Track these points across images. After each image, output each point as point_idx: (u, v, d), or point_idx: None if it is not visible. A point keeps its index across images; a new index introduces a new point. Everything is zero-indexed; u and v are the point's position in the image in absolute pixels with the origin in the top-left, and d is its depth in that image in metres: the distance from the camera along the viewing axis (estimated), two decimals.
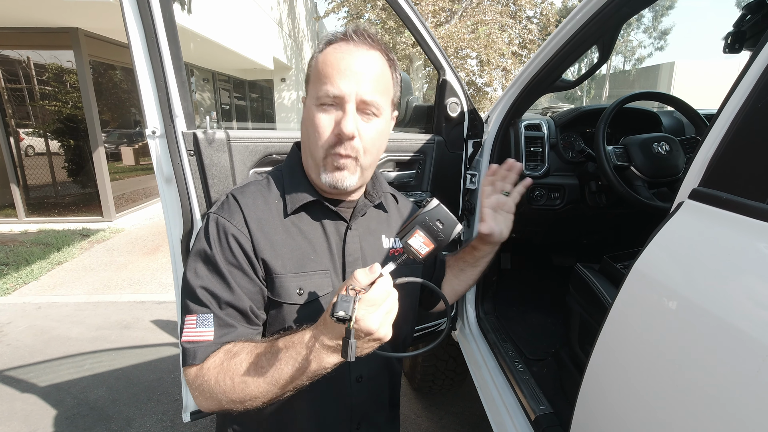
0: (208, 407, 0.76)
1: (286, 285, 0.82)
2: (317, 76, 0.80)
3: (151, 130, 1.11)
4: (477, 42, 10.41)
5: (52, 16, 5.09)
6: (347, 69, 0.77)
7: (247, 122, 13.22)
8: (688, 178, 0.70)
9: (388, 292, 0.66)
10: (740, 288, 0.56)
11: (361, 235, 0.92)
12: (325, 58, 0.79)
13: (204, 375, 0.75)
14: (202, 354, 0.76)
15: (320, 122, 0.79)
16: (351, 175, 0.83)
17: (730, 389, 0.53)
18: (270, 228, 0.83)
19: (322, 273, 0.85)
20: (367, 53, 0.80)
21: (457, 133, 1.60)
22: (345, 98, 0.77)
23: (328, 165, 0.81)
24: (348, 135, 0.77)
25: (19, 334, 3.20)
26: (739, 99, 0.64)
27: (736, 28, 1.14)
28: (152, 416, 2.29)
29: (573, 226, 1.96)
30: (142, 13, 1.03)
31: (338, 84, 0.77)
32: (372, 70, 0.80)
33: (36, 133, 6.13)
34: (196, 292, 0.79)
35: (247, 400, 0.72)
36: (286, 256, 0.83)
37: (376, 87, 0.80)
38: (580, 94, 29.92)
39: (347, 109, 0.78)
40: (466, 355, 1.83)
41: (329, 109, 0.79)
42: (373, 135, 0.82)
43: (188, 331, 0.78)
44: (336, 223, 0.89)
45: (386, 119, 0.85)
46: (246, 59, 9.08)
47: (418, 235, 0.70)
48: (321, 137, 0.80)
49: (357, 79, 0.77)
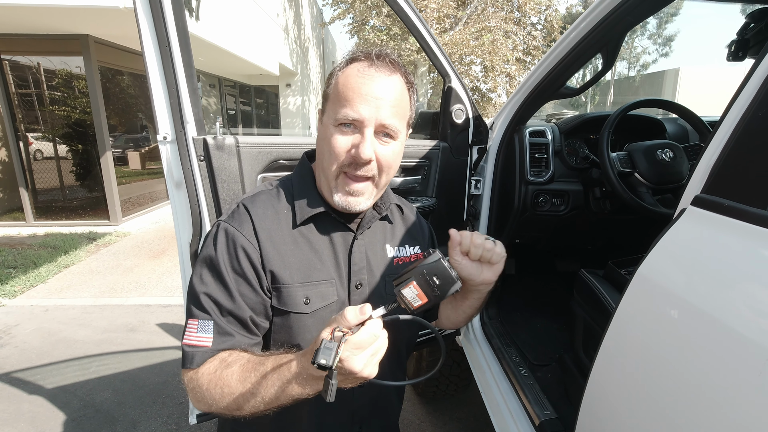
0: (200, 408, 0.80)
1: (293, 294, 0.83)
2: (337, 97, 0.81)
3: (163, 136, 1.14)
4: (481, 48, 10.45)
5: (62, 23, 5.17)
6: (368, 94, 0.78)
7: (253, 128, 13.30)
8: (691, 184, 0.71)
9: (376, 335, 0.65)
10: (742, 293, 0.57)
11: (367, 245, 0.93)
12: (347, 81, 0.80)
13: (198, 380, 0.77)
14: (199, 359, 0.79)
15: (337, 143, 0.80)
16: (365, 200, 0.85)
17: (733, 393, 0.54)
18: (278, 238, 0.85)
19: (327, 282, 0.87)
20: (388, 78, 0.82)
21: (462, 139, 1.61)
22: (364, 123, 0.79)
23: (340, 186, 0.83)
24: (365, 160, 0.79)
25: (26, 336, 3.23)
26: (742, 107, 0.65)
27: (739, 36, 1.15)
28: (158, 419, 2.30)
29: (577, 232, 1.96)
30: (156, 21, 1.06)
31: (358, 108, 0.78)
32: (392, 95, 0.81)
33: (45, 138, 6.20)
34: (199, 298, 0.81)
35: (233, 410, 0.75)
36: (293, 266, 0.84)
37: (395, 112, 0.82)
38: (585, 100, 29.86)
39: (366, 133, 0.79)
40: (471, 360, 1.83)
41: (347, 131, 0.80)
42: (389, 157, 0.84)
43: (189, 334, 0.80)
44: (343, 233, 0.91)
45: (402, 141, 0.88)
46: (252, 65, 9.15)
47: (413, 287, 0.68)
48: (337, 157, 0.81)
49: (377, 104, 0.79)
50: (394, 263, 0.96)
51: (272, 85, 13.41)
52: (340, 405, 0.92)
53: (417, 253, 1.01)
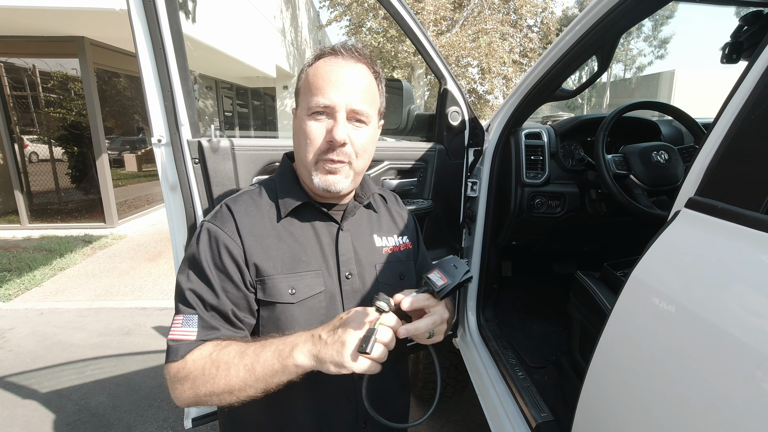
0: (184, 399, 0.79)
1: (278, 285, 0.85)
2: (308, 88, 0.85)
3: (157, 139, 1.13)
4: (478, 50, 10.48)
5: (58, 25, 5.16)
6: (337, 80, 0.82)
7: (250, 130, 13.29)
8: (685, 187, 0.71)
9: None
10: (735, 296, 0.57)
11: (353, 236, 0.95)
12: (316, 71, 0.84)
13: (186, 368, 0.78)
14: (183, 351, 0.79)
15: (312, 130, 0.83)
16: (344, 178, 0.87)
17: (726, 394, 0.54)
18: (261, 233, 0.87)
19: (313, 273, 0.88)
20: (355, 66, 0.85)
21: (458, 141, 1.61)
22: (336, 108, 0.82)
23: (320, 169, 0.85)
24: (339, 141, 0.82)
25: (21, 340, 3.20)
26: (735, 109, 0.65)
27: (733, 38, 1.16)
28: (153, 423, 2.29)
29: (573, 234, 1.97)
30: (150, 24, 1.05)
31: (329, 95, 0.81)
32: (360, 81, 0.84)
33: (40, 140, 6.18)
34: (185, 294, 0.83)
35: (224, 392, 0.75)
36: (277, 258, 0.86)
37: (364, 97, 0.85)
38: (581, 102, 29.99)
39: (338, 117, 0.82)
40: (467, 363, 1.83)
41: (320, 118, 0.83)
42: (364, 141, 0.87)
43: (174, 330, 0.81)
44: (328, 225, 0.93)
45: (374, 127, 0.90)
46: (249, 67, 9.15)
47: (437, 272, 0.80)
48: (313, 144, 0.84)
49: (347, 90, 0.82)
50: (383, 252, 0.98)
51: (269, 88, 13.41)
52: (344, 401, 0.92)
53: (406, 243, 1.03)
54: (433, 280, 0.79)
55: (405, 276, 1.00)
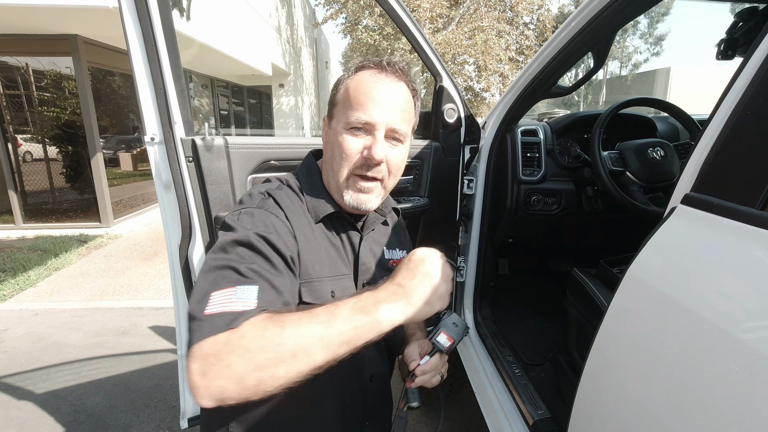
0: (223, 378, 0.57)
1: (323, 288, 0.84)
2: (348, 102, 0.83)
3: (150, 137, 1.12)
4: (474, 48, 10.48)
5: (51, 23, 5.11)
6: (379, 98, 0.81)
7: (246, 128, 13.24)
8: (681, 183, 0.71)
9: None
10: (731, 292, 0.57)
11: (370, 246, 0.97)
12: (358, 85, 0.83)
13: (243, 330, 0.60)
14: (239, 320, 0.61)
15: (349, 145, 0.82)
16: (375, 198, 0.87)
17: (722, 391, 0.54)
18: (307, 231, 0.84)
19: (347, 277, 0.89)
20: (397, 84, 0.85)
21: (455, 139, 1.61)
22: (376, 126, 0.81)
23: (351, 186, 0.85)
24: (377, 161, 0.82)
25: (16, 340, 3.18)
26: (730, 105, 0.65)
27: (728, 35, 1.16)
28: (149, 423, 2.28)
29: (570, 231, 1.97)
30: (142, 21, 1.04)
31: (370, 112, 0.81)
32: (400, 100, 0.84)
33: (34, 139, 6.12)
34: (235, 268, 0.68)
35: (289, 357, 0.58)
36: (323, 259, 0.85)
37: (404, 116, 0.85)
38: (577, 99, 30.06)
39: (377, 135, 0.82)
40: (465, 361, 1.83)
41: (359, 133, 0.83)
42: (398, 160, 0.87)
43: (219, 302, 0.63)
44: (350, 233, 0.93)
45: (408, 145, 0.91)
46: (244, 65, 9.10)
47: (443, 334, 0.87)
48: (349, 160, 0.83)
49: (388, 108, 0.82)
50: (389, 264, 0.99)
51: (265, 86, 13.35)
52: (356, 399, 0.93)
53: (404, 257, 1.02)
54: (441, 343, 0.86)
55: None
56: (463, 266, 1.83)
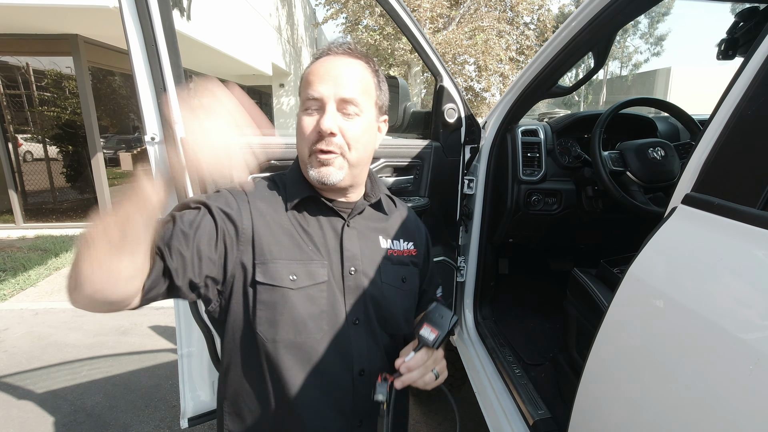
0: None
1: (280, 270, 0.85)
2: (303, 86, 0.88)
3: (150, 137, 1.12)
4: (475, 48, 10.48)
5: (51, 23, 5.11)
6: (326, 73, 0.84)
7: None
8: (681, 183, 0.70)
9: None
10: (731, 292, 0.57)
11: (359, 234, 0.95)
12: (310, 70, 0.88)
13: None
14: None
15: (304, 124, 0.85)
16: (337, 170, 0.86)
17: (722, 392, 0.53)
18: (271, 217, 0.88)
19: (318, 263, 0.88)
20: (346, 59, 0.87)
21: (455, 138, 1.61)
22: (324, 99, 0.83)
23: (314, 162, 0.86)
24: (326, 131, 0.82)
25: (16, 340, 3.18)
26: (731, 105, 0.65)
27: (729, 35, 1.16)
28: (149, 423, 2.28)
29: (570, 231, 1.97)
30: (142, 21, 1.04)
31: (318, 87, 0.83)
32: (350, 72, 0.86)
33: (34, 139, 6.12)
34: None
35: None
36: (283, 243, 0.86)
37: (355, 87, 0.85)
38: (578, 99, 30.05)
39: (327, 108, 0.83)
40: (465, 361, 1.83)
41: (312, 112, 0.85)
42: (356, 132, 0.86)
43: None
44: (334, 220, 0.93)
45: (369, 119, 0.90)
46: (245, 65, 9.10)
47: (426, 326, 0.85)
48: (305, 137, 0.86)
49: (335, 82, 0.84)
50: (388, 254, 0.98)
51: (265, 86, 13.36)
52: (339, 397, 0.91)
53: (410, 249, 1.03)
54: (425, 336, 0.84)
55: (407, 279, 1.00)
56: (463, 266, 1.83)
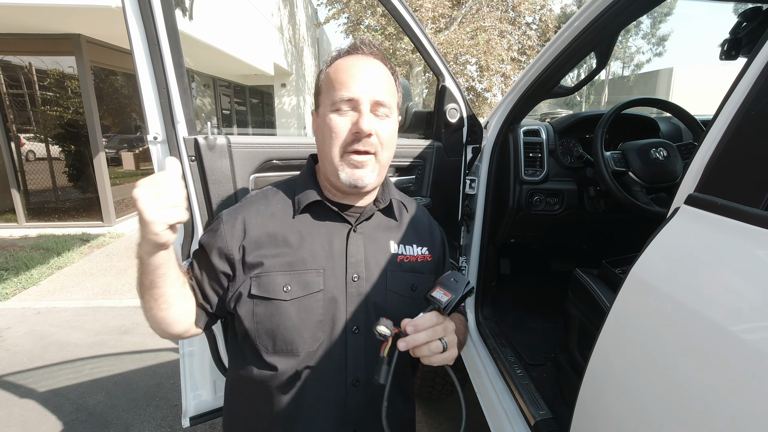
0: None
1: (273, 282, 0.85)
2: (330, 85, 0.85)
3: (153, 136, 1.12)
4: (476, 48, 10.46)
5: (54, 23, 5.12)
6: (359, 74, 0.83)
7: (248, 128, 13.25)
8: (684, 183, 0.70)
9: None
10: (735, 293, 0.57)
11: (366, 239, 0.93)
12: (337, 68, 0.86)
13: None
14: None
15: (336, 124, 0.84)
16: (371, 172, 0.87)
17: (726, 393, 0.53)
18: (271, 227, 0.88)
19: (314, 272, 0.87)
20: (374, 61, 0.88)
21: (457, 138, 1.61)
22: (360, 100, 0.83)
23: (346, 163, 0.85)
24: (366, 132, 0.82)
25: (18, 339, 3.19)
26: (734, 106, 0.65)
27: (732, 35, 1.15)
28: (151, 422, 2.28)
29: (572, 231, 1.96)
30: (145, 20, 1.04)
31: (353, 88, 0.82)
32: (380, 74, 0.86)
33: (37, 138, 6.14)
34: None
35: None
36: (280, 254, 0.86)
37: (386, 90, 0.86)
38: (579, 99, 29.98)
39: (363, 109, 0.83)
40: (466, 361, 1.83)
41: (345, 112, 0.84)
42: (388, 133, 0.87)
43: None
44: (341, 225, 0.92)
45: (395, 120, 0.91)
46: (247, 65, 9.11)
47: (439, 289, 0.81)
48: (338, 138, 0.84)
49: (369, 83, 0.83)
50: (397, 260, 0.95)
51: (267, 85, 13.36)
52: (331, 406, 0.90)
53: (425, 255, 1.00)
54: (438, 297, 0.79)
55: (417, 287, 0.96)
56: (464, 266, 1.83)
